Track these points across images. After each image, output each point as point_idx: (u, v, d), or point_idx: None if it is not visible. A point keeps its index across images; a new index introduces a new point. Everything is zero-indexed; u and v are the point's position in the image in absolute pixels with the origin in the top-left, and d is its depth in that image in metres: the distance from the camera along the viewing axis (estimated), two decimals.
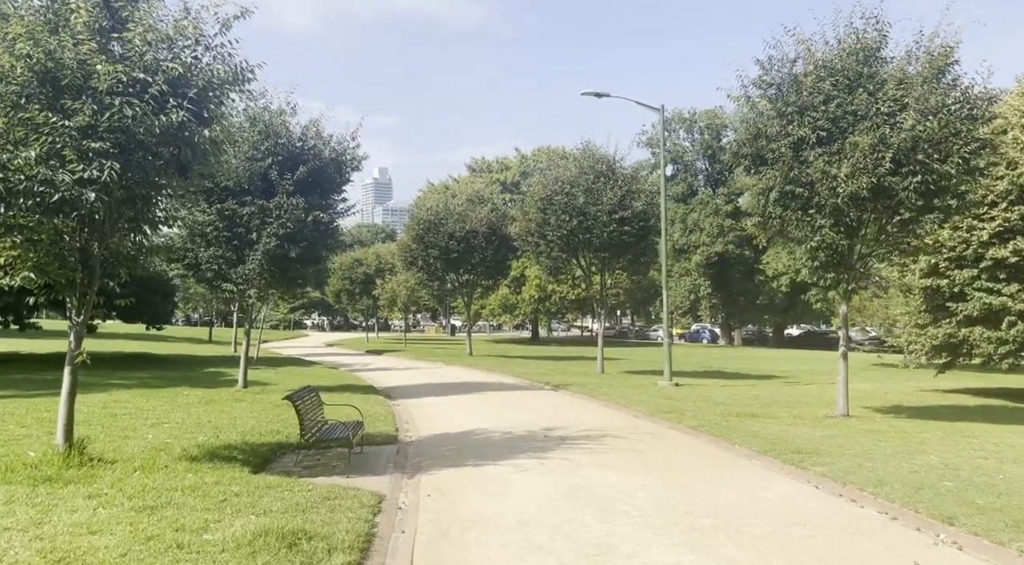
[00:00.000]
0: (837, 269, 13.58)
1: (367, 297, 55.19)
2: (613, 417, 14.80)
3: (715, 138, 67.47)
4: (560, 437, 11.91)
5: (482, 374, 26.38)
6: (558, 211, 24.75)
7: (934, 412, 16.38)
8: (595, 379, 23.47)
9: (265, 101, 17.07)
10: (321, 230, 17.43)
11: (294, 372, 25.32)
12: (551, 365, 30.87)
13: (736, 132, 14.27)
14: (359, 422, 10.52)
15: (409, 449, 11.14)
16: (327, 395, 17.76)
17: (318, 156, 17.19)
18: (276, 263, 17.06)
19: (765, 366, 34.12)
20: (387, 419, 13.88)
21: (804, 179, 13.03)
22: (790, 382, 25.14)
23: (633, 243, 25.05)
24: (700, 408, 15.96)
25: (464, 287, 38.17)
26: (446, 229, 34.79)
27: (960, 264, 19.71)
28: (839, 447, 10.49)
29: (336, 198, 18.04)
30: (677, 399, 17.90)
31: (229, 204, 16.75)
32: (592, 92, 22.25)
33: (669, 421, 13.82)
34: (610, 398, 17.84)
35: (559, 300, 57.31)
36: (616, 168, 25.25)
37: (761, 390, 21.32)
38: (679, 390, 20.56)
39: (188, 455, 9.14)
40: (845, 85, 12.93)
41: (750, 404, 17.19)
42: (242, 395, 16.88)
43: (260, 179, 16.74)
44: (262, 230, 16.73)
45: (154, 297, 25.35)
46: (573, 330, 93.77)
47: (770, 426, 13.08)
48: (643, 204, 24.79)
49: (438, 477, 8.97)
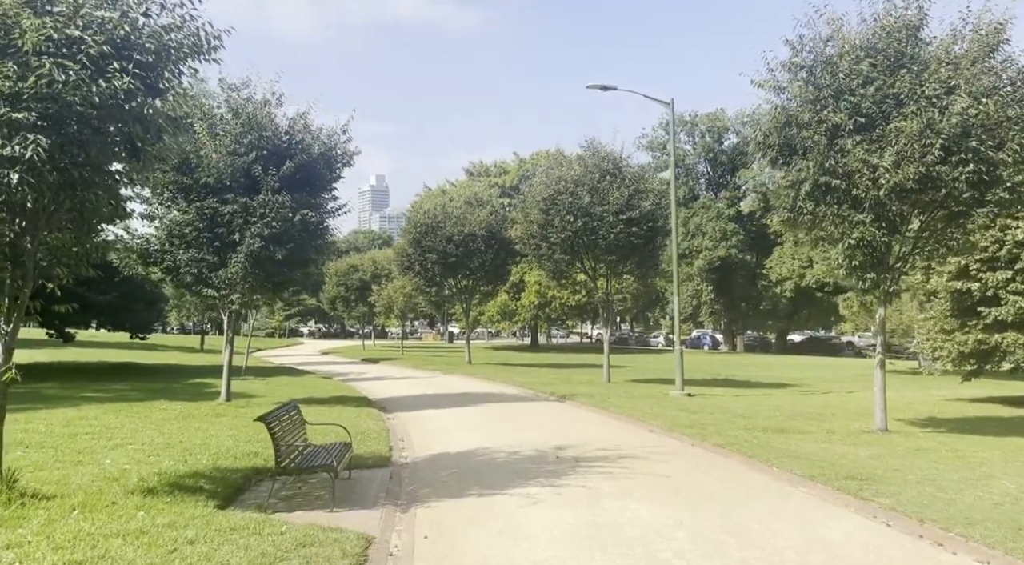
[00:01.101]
0: (877, 269, 12.31)
1: (363, 304, 53.85)
2: (628, 433, 13.50)
3: (716, 141, 66.39)
4: (574, 458, 10.61)
5: (482, 384, 25.06)
6: (562, 212, 23.50)
7: (975, 425, 15.10)
8: (602, 389, 22.17)
9: (248, 91, 15.82)
10: (310, 231, 16.14)
11: (284, 383, 23.99)
12: (554, 373, 29.55)
13: (758, 122, 13.01)
14: (346, 444, 9.22)
15: (404, 473, 9.84)
16: (317, 408, 16.54)
17: (306, 151, 15.91)
18: (261, 266, 15.75)
19: (774, 373, 32.83)
20: (380, 436, 12.57)
21: (841, 170, 11.79)
22: (805, 391, 23.87)
23: (641, 245, 23.78)
24: (721, 422, 14.68)
25: (462, 293, 36.86)
26: (444, 233, 33.49)
27: (993, 266, 18.50)
28: (895, 471, 9.21)
29: (326, 196, 16.75)
30: (694, 411, 16.62)
31: (209, 202, 15.45)
32: (598, 85, 21.04)
33: (691, 438, 12.52)
34: (622, 410, 16.55)
35: (559, 306, 56.00)
36: (623, 166, 24.01)
37: (779, 400, 20.05)
38: (693, 401, 19.28)
39: (144, 486, 7.82)
40: (885, 66, 11.70)
41: (773, 417, 15.91)
42: (224, 409, 15.55)
43: (243, 175, 15.44)
44: (245, 230, 15.44)
45: (136, 304, 23.98)
46: (572, 337, 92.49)
47: (805, 443, 11.80)
48: (651, 204, 23.55)
49: (437, 510, 7.68)
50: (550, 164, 24.97)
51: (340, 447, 9.07)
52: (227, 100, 15.66)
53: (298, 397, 19.23)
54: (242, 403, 16.78)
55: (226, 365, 16.95)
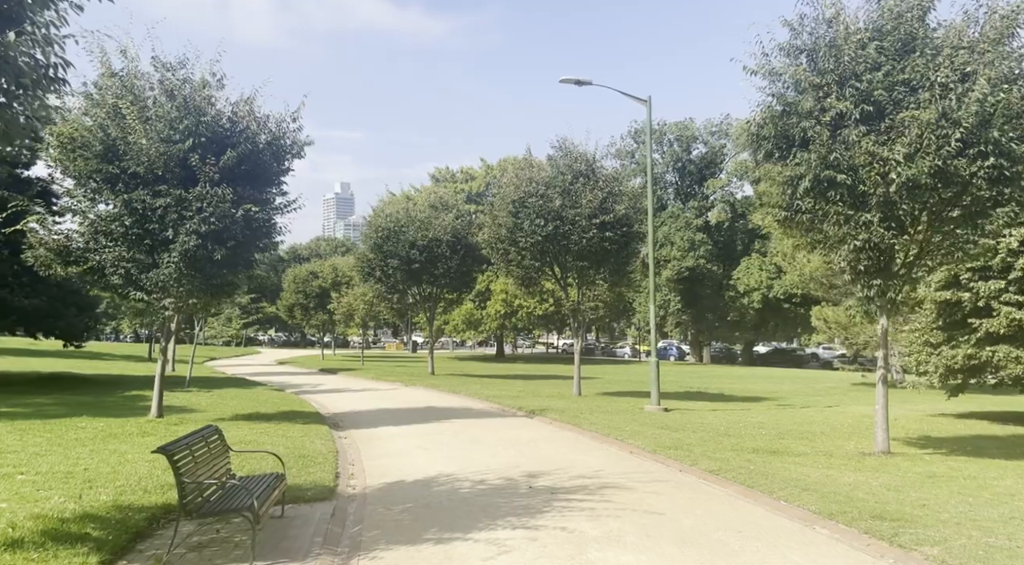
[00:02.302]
0: (883, 275, 11.13)
1: (323, 312, 51.85)
2: (607, 455, 12.11)
3: (685, 150, 65.88)
4: (549, 489, 9.18)
5: (446, 397, 23.51)
6: (532, 215, 22.12)
7: (975, 446, 14.06)
8: (574, 403, 20.80)
9: (185, 72, 14.16)
10: (254, 228, 14.49)
11: (231, 395, 22.15)
12: (521, 385, 28.12)
13: (750, 113, 11.80)
14: (278, 475, 7.66)
15: (350, 509, 8.30)
16: (261, 426, 14.84)
17: (251, 140, 14.28)
18: (197, 267, 14.07)
19: (746, 386, 31.86)
20: (327, 461, 10.99)
21: (846, 164, 10.61)
22: (783, 406, 22.80)
23: (615, 251, 22.53)
24: (706, 442, 13.39)
25: (426, 301, 35.27)
26: (407, 237, 31.90)
27: (985, 275, 17.60)
28: (922, 507, 7.94)
29: (273, 191, 15.12)
30: (674, 429, 15.32)
31: (139, 194, 13.71)
32: (572, 79, 19.75)
33: (678, 461, 11.18)
34: (597, 428, 15.17)
35: (526, 315, 54.62)
36: (596, 168, 22.76)
37: (760, 416, 18.88)
38: (670, 417, 18.01)
39: (9, 537, 6.17)
40: (894, 50, 10.58)
41: (760, 436, 14.69)
42: (153, 427, 13.79)
43: (178, 165, 13.75)
44: (180, 226, 13.73)
45: (67, 309, 21.91)
46: (538, 347, 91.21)
47: (805, 469, 10.54)
48: (626, 208, 22.31)
49: (384, 563, 6.19)
50: (519, 165, 23.64)
51: (270, 480, 7.51)
52: (161, 81, 13.98)
53: (243, 412, 17.51)
54: (176, 420, 15.01)
55: (158, 377, 15.15)
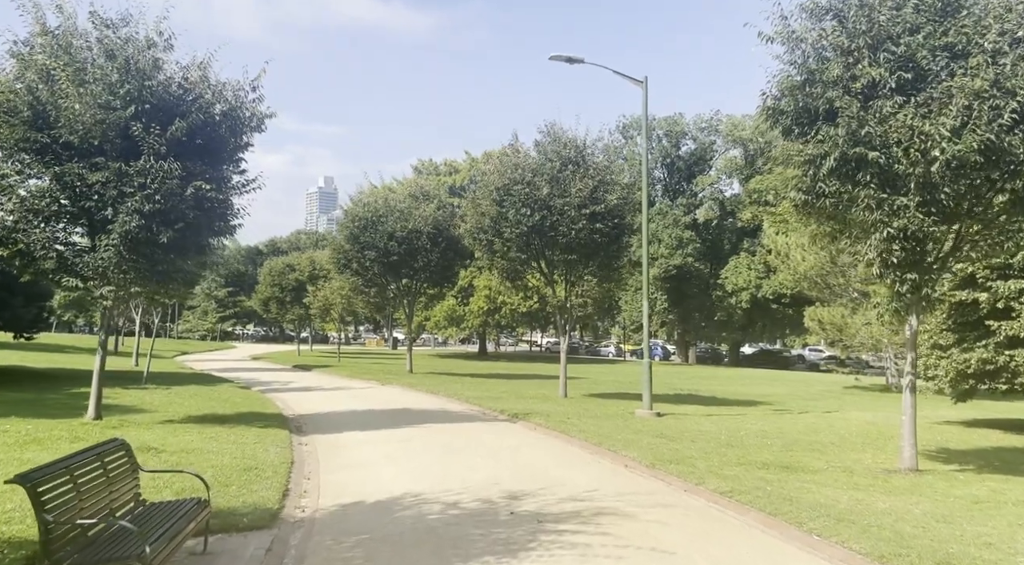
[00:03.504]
0: (918, 268, 9.77)
1: (299, 306, 50.09)
2: (601, 470, 10.68)
3: (674, 146, 64.69)
4: (534, 515, 7.72)
5: (423, 398, 22.00)
6: (517, 204, 20.66)
7: (1005, 461, 12.78)
8: (560, 405, 19.38)
9: (129, 30, 12.54)
10: (206, 208, 12.90)
11: (190, 393, 20.53)
12: (504, 386, 26.68)
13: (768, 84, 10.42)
14: (199, 502, 6.16)
15: (292, 541, 6.81)
16: (213, 430, 13.15)
17: (204, 109, 12.70)
18: (140, 251, 12.47)
19: (737, 389, 30.62)
20: (277, 474, 9.47)
21: (878, 139, 9.24)
22: (779, 411, 21.51)
23: (605, 244, 21.12)
24: (708, 454, 12.00)
25: (405, 295, 33.71)
26: (385, 228, 30.28)
27: (1005, 274, 16.36)
28: (988, 546, 6.58)
29: (229, 168, 13.55)
30: (671, 437, 13.93)
31: (72, 167, 12.08)
32: (563, 57, 18.30)
33: (681, 478, 9.77)
34: (586, 436, 13.75)
35: (510, 313, 53.18)
36: (587, 155, 21.33)
37: (759, 423, 17.54)
38: (664, 423, 16.62)
39: None
40: (937, 10, 9.22)
41: (766, 447, 13.33)
42: (86, 431, 12.18)
43: (119, 135, 12.13)
44: (120, 204, 12.14)
45: (13, 298, 20.19)
46: (521, 345, 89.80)
47: (829, 490, 9.17)
48: (617, 198, 20.91)
49: None
50: (504, 151, 22.19)
51: (188, 507, 6.01)
52: (100, 39, 12.35)
53: (196, 413, 15.90)
54: (115, 422, 13.40)
55: (96, 374, 13.51)
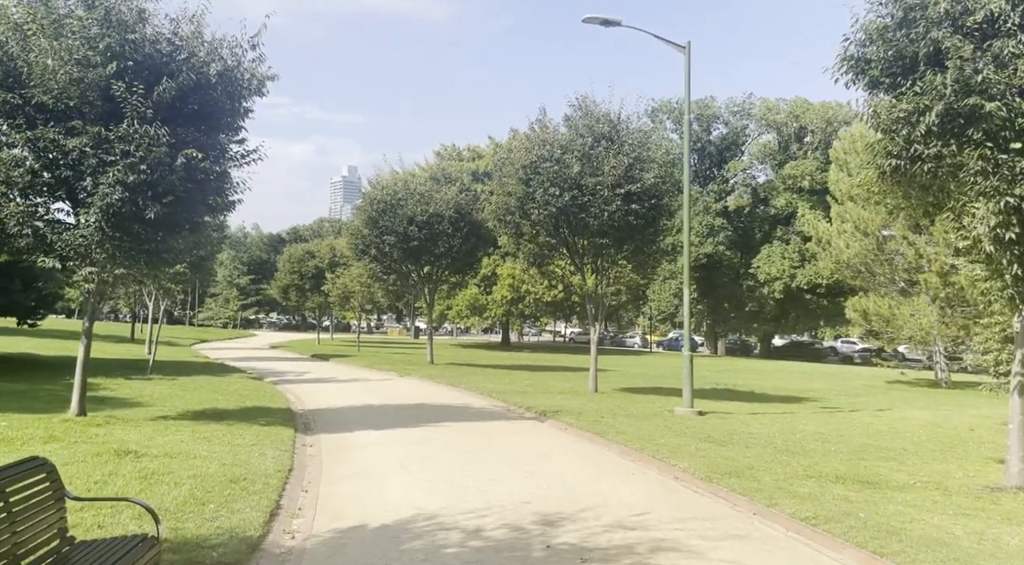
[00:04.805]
0: None
1: (318, 293, 48.96)
2: (648, 484, 9.10)
3: (705, 131, 62.54)
4: (576, 551, 6.18)
5: (443, 391, 20.57)
6: (545, 183, 19.04)
7: None
8: (591, 402, 17.81)
9: None
10: (199, 180, 11.46)
11: (196, 385, 19.26)
12: (529, 378, 25.16)
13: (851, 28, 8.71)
14: (145, 539, 4.70)
15: None
16: (210, 428, 11.50)
17: (197, 68, 11.24)
18: (124, 228, 11.08)
19: (775, 383, 28.81)
20: (269, 487, 8.02)
21: (997, 89, 7.52)
22: (829, 408, 19.70)
23: (640, 227, 19.43)
24: (770, 464, 10.37)
25: (426, 283, 32.27)
26: (405, 212, 28.83)
27: None
28: None
29: (227, 137, 12.08)
30: (721, 442, 12.31)
31: (46, 131, 10.70)
32: (598, 19, 16.58)
33: (749, 499, 8.16)
34: (626, 439, 12.18)
35: (534, 302, 51.61)
36: (621, 130, 19.63)
37: (812, 423, 15.81)
38: (709, 423, 14.98)
39: None
40: None
41: (832, 453, 11.65)
42: (65, 429, 10.84)
43: (99, 96, 10.72)
44: (100, 174, 10.75)
45: (10, 283, 19.03)
46: (544, 335, 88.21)
47: (932, 516, 7.51)
48: (655, 177, 19.18)
49: None
50: (531, 127, 20.57)
51: (130, 548, 4.55)
52: None
53: (196, 408, 14.54)
54: (101, 419, 12.06)
55: (80, 365, 12.16)
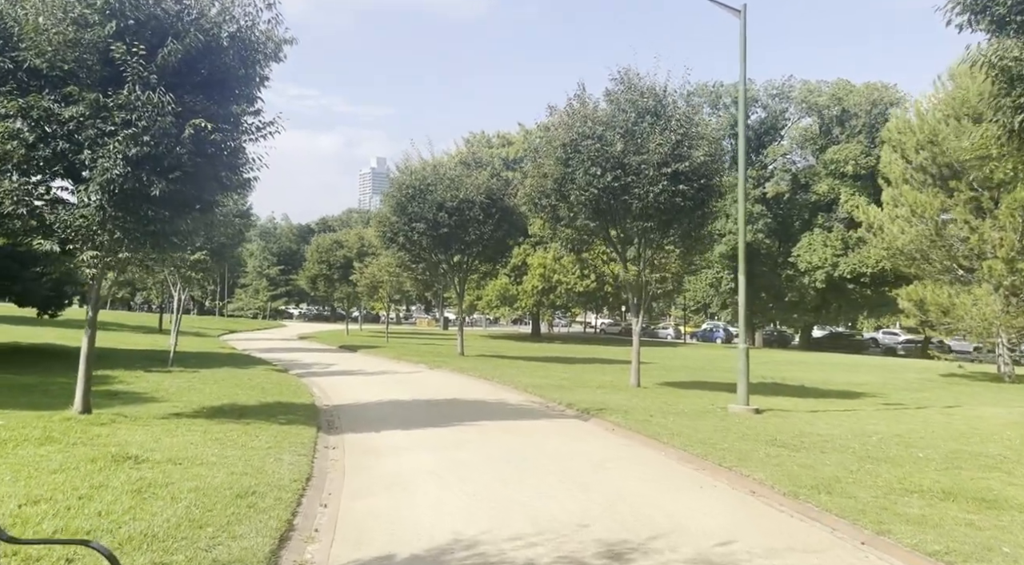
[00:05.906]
0: None
1: (347, 283, 48.12)
2: (724, 502, 7.77)
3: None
4: None
5: (476, 385, 19.39)
6: (586, 162, 17.67)
7: None
8: (635, 397, 16.48)
9: None
10: (209, 154, 10.33)
11: (218, 377, 18.31)
12: (564, 371, 23.90)
13: None
14: None
15: None
16: (226, 427, 9.95)
17: (205, 30, 10.10)
18: (127, 206, 10.00)
19: (824, 376, 27.24)
20: (281, 501, 6.85)
21: None
22: (893, 405, 18.08)
23: (689, 209, 17.99)
24: (856, 474, 8.97)
25: (456, 272, 31.11)
26: (434, 198, 27.64)
27: None
28: None
29: (239, 108, 10.92)
30: (790, 445, 10.92)
31: (40, 98, 9.64)
32: None
33: (850, 521, 6.80)
34: (684, 443, 10.84)
35: (565, 292, 50.27)
36: (667, 104, 18.17)
37: (882, 423, 14.26)
38: (769, 423, 13.55)
39: None
40: None
41: (922, 460, 10.18)
42: (64, 429, 9.81)
43: (97, 59, 9.64)
44: (99, 147, 9.66)
45: (24, 272, 18.22)
46: (574, 326, 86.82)
47: None
48: (704, 155, 17.71)
49: None
50: (570, 102, 19.19)
51: None
52: None
53: (213, 404, 13.46)
54: (107, 417, 11.03)
55: (83, 358, 11.11)
